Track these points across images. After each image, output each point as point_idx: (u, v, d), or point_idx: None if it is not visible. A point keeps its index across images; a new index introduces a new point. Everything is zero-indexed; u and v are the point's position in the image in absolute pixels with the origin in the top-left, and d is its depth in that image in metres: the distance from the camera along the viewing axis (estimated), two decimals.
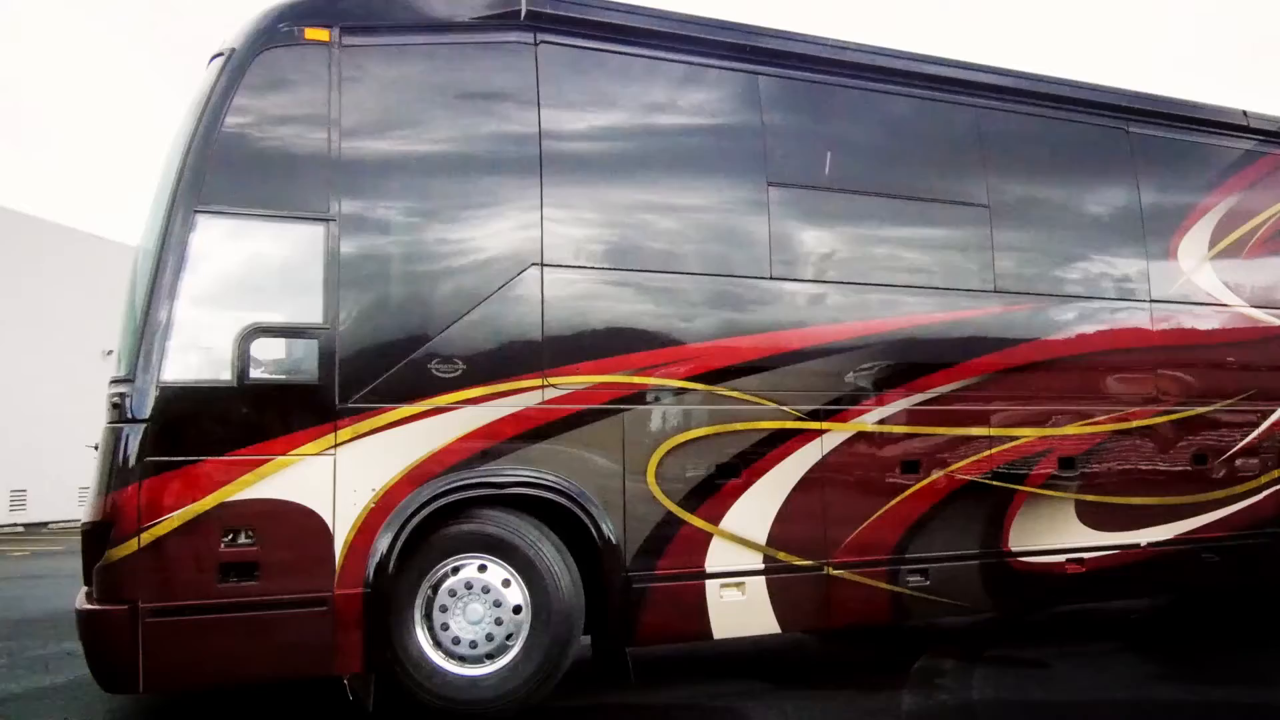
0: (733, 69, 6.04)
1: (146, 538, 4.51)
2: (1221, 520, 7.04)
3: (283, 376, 4.92)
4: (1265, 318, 7.43)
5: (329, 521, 4.77)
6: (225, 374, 4.70)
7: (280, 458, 4.73)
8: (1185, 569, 6.93)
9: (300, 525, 4.73)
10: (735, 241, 5.86)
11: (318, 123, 5.05)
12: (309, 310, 4.89)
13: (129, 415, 4.61)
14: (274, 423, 4.76)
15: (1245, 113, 7.77)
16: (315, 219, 4.95)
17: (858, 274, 6.15)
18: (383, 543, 4.83)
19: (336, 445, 4.82)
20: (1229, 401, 7.16)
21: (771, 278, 5.87)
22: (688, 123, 6.00)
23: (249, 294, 4.89)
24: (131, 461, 4.56)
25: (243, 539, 4.66)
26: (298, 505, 4.73)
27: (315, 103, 5.07)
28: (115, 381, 4.77)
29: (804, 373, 5.88)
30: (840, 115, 6.38)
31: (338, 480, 4.80)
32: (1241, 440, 7.19)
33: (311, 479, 4.76)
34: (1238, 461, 7.16)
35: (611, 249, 5.57)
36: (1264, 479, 7.23)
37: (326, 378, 4.85)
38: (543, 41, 5.57)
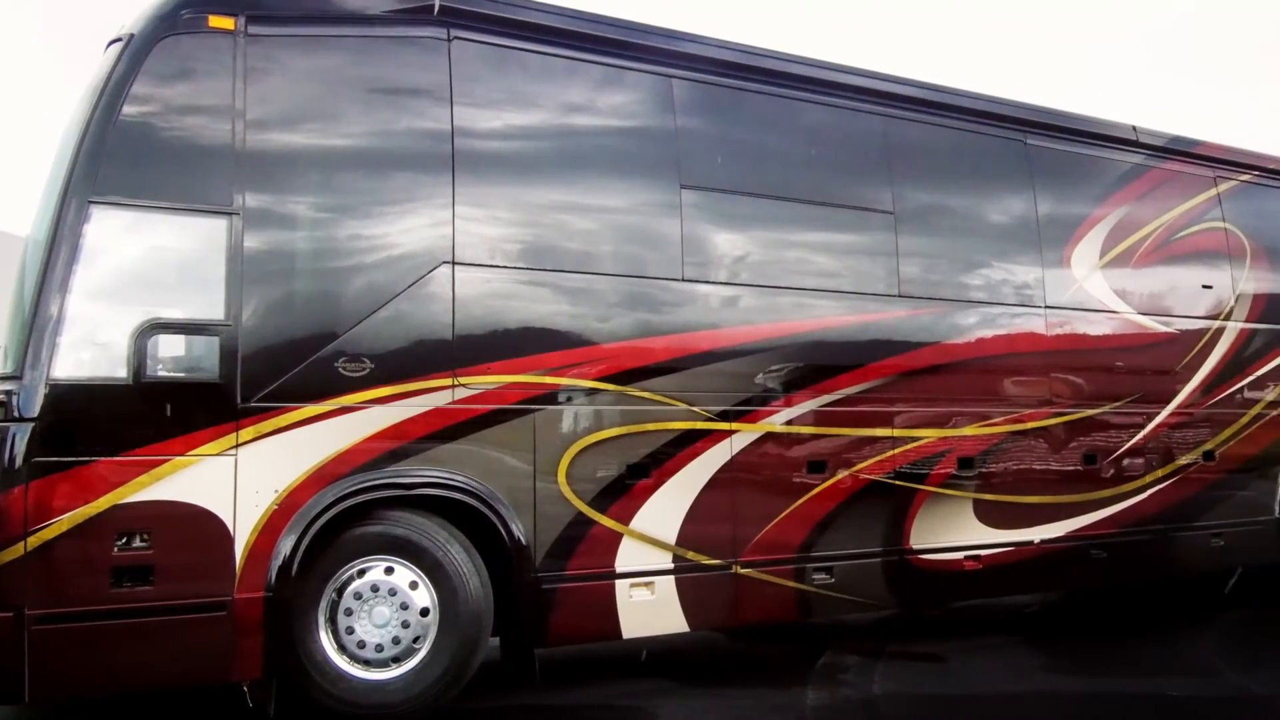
0: (647, 71, 6.07)
1: (34, 541, 4.32)
2: (1109, 518, 7.35)
3: (182, 374, 4.76)
4: (1150, 324, 7.78)
5: (229, 524, 4.64)
6: (120, 371, 4.53)
7: (178, 458, 4.59)
8: (1075, 565, 7.22)
9: (199, 528, 4.59)
10: (648, 243, 5.89)
11: (221, 113, 4.90)
12: (210, 306, 4.75)
13: (16, 414, 4.40)
14: (172, 422, 4.60)
15: (1135, 128, 8.12)
16: (217, 212, 4.81)
17: (767, 277, 6.23)
18: (285, 545, 4.72)
19: (238, 445, 4.69)
20: (1117, 404, 7.48)
21: (683, 279, 5.91)
22: (602, 124, 6.01)
23: (147, 289, 4.72)
24: (18, 462, 4.36)
25: (138, 542, 4.50)
26: (196, 507, 4.59)
27: (219, 93, 4.92)
28: (1, 379, 4.56)
29: (714, 374, 5.94)
30: (752, 120, 6.47)
31: (239, 481, 4.67)
32: (1128, 441, 7.51)
33: (211, 480, 4.63)
34: (1124, 462, 7.48)
35: (524, 248, 5.54)
36: (1148, 478, 7.57)
37: (228, 376, 4.72)
38: (456, 38, 5.51)
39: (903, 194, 6.78)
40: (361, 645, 4.92)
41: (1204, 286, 8.15)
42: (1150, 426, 7.63)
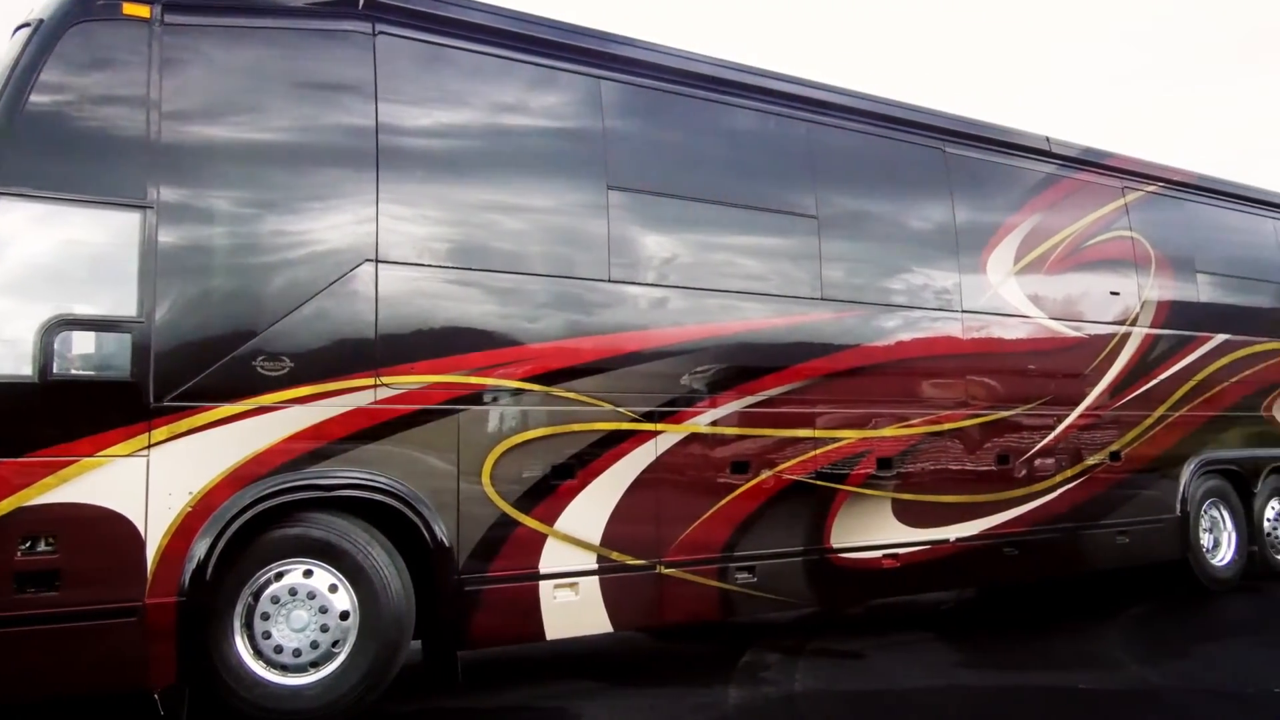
0: (575, 72, 6.07)
1: None
2: (1021, 517, 7.58)
3: (91, 372, 4.61)
4: (1061, 329, 8.05)
5: (140, 527, 4.51)
6: (26, 369, 4.37)
7: (87, 459, 4.44)
8: (989, 562, 7.42)
9: (107, 531, 4.45)
10: (575, 244, 5.88)
11: (135, 104, 4.77)
12: (122, 302, 4.61)
13: None
14: (80, 422, 4.46)
15: (1049, 139, 8.39)
16: (131, 205, 4.67)
17: (693, 279, 6.28)
18: (200, 548, 4.60)
19: (150, 446, 4.56)
20: (1029, 406, 7.72)
21: (610, 280, 5.92)
22: (529, 124, 5.99)
23: (55, 284, 4.55)
24: None
25: (42, 546, 4.34)
26: (105, 510, 4.45)
27: (133, 83, 4.78)
28: None
29: (639, 374, 5.97)
30: (679, 123, 6.51)
31: (151, 483, 4.54)
32: (1040, 442, 7.75)
33: (121, 481, 4.49)
34: (1036, 462, 7.72)
35: (449, 247, 5.49)
36: (1058, 478, 7.83)
37: (140, 374, 4.58)
38: (381, 33, 5.44)
39: (826, 199, 6.89)
40: (279, 650, 4.83)
41: (1111, 293, 8.45)
42: (1060, 428, 7.88)
